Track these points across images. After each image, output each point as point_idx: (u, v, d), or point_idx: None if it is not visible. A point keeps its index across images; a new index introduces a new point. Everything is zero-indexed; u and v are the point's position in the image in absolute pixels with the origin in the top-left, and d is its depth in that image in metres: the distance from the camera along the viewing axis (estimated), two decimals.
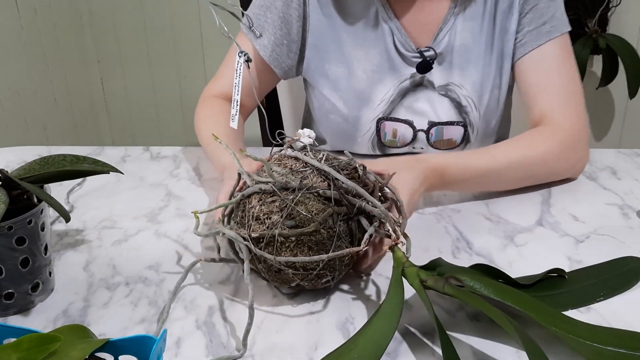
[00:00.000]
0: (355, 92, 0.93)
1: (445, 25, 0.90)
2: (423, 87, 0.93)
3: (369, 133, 0.94)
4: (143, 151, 1.03)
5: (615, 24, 1.90)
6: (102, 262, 0.70)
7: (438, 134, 0.93)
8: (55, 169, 0.64)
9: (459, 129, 0.93)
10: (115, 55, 2.15)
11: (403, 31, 0.91)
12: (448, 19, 0.90)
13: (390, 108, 0.93)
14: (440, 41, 0.91)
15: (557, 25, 0.88)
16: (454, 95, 0.92)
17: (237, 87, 0.67)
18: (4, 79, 1.74)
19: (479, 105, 0.92)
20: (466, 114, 0.92)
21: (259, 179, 0.60)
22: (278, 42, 0.93)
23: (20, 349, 0.42)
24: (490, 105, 0.93)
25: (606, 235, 0.74)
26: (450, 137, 0.94)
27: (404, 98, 0.93)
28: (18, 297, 0.60)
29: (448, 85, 0.92)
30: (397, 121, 0.93)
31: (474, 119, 0.93)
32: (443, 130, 0.93)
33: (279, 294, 0.64)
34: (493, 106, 0.94)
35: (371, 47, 0.92)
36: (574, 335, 0.52)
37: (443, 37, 0.91)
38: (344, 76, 0.93)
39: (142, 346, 0.46)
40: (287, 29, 0.93)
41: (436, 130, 0.93)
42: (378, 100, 0.92)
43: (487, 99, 0.93)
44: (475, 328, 0.58)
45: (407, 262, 0.58)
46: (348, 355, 0.51)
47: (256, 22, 0.93)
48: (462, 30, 0.90)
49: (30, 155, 0.94)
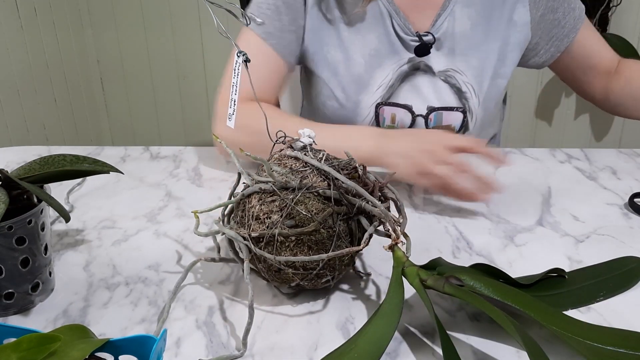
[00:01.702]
0: (353, 77, 0.92)
1: (443, 12, 0.91)
2: (422, 72, 0.93)
3: (368, 118, 0.94)
4: (143, 151, 1.03)
5: (616, 24, 1.90)
6: (102, 262, 0.70)
7: (437, 119, 0.94)
8: (55, 169, 0.64)
9: (458, 114, 0.93)
10: (115, 55, 2.15)
11: (402, 14, 0.91)
12: (446, 5, 0.91)
13: (388, 93, 0.93)
14: (439, 27, 0.91)
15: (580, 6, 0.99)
16: (453, 81, 0.93)
17: (234, 87, 0.67)
18: (4, 79, 1.74)
19: (479, 92, 0.94)
20: (466, 100, 0.93)
21: (259, 179, 0.60)
22: (285, 29, 0.91)
23: (20, 349, 0.42)
24: (491, 92, 0.95)
25: (606, 235, 0.74)
26: (449, 123, 0.94)
27: (402, 83, 0.93)
28: (18, 297, 0.60)
29: (448, 71, 0.92)
30: (396, 106, 0.93)
31: (473, 106, 0.94)
32: (442, 116, 0.94)
33: (279, 294, 0.64)
34: (493, 94, 0.96)
35: (369, 31, 0.91)
36: (574, 335, 0.52)
37: (442, 23, 0.91)
38: (341, 61, 0.92)
39: (142, 346, 0.46)
40: (293, 15, 0.91)
41: (435, 115, 0.93)
42: (377, 85, 0.92)
43: (487, 85, 0.94)
44: (476, 328, 0.58)
45: (407, 261, 0.58)
46: (348, 355, 0.51)
47: (258, 11, 0.91)
48: (460, 17, 0.92)
49: (30, 155, 0.94)
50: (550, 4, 0.95)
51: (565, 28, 0.97)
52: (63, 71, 2.01)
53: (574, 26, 0.98)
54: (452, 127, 0.94)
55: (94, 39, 2.13)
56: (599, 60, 1.01)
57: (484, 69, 0.93)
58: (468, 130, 0.96)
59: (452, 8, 0.91)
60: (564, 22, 0.97)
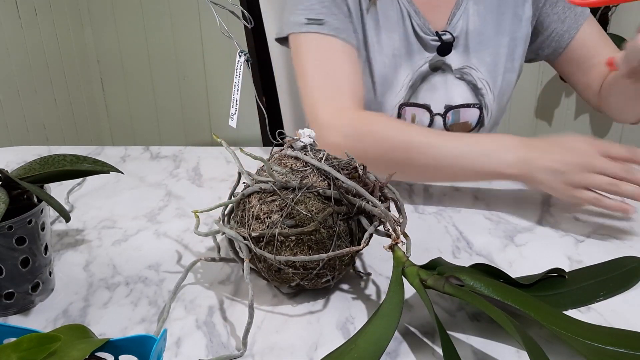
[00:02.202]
0: (378, 78, 0.92)
1: (458, 10, 0.92)
2: (441, 71, 0.93)
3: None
4: (143, 151, 1.03)
5: (616, 24, 1.90)
6: (102, 262, 0.70)
7: (455, 117, 0.94)
8: (55, 168, 0.64)
9: (475, 111, 0.94)
10: (115, 55, 2.15)
11: (421, 14, 0.91)
12: (460, 3, 0.92)
13: (409, 93, 0.93)
14: (456, 24, 0.92)
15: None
16: (469, 77, 0.93)
17: (236, 87, 0.67)
18: (4, 79, 1.74)
19: (494, 87, 0.95)
20: (482, 96, 0.94)
21: (259, 178, 0.60)
22: (346, 19, 0.88)
23: (20, 349, 0.42)
24: (503, 87, 0.96)
25: (606, 235, 0.74)
26: (467, 120, 0.94)
27: (422, 82, 0.93)
28: (18, 297, 0.60)
29: (463, 68, 0.93)
30: (416, 106, 0.93)
31: (489, 101, 0.95)
32: (460, 113, 0.94)
33: (279, 294, 0.64)
34: (505, 88, 0.96)
35: (391, 31, 0.91)
36: (574, 334, 0.52)
37: (458, 21, 0.92)
38: (365, 61, 0.92)
39: (142, 346, 0.46)
40: (345, 6, 0.89)
41: (452, 113, 0.94)
42: (400, 85, 0.92)
43: (500, 80, 0.95)
44: (476, 328, 0.58)
45: (407, 261, 0.58)
46: (348, 355, 0.51)
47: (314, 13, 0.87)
48: (473, 14, 0.92)
49: (30, 155, 0.94)
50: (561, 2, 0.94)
51: (565, 23, 0.96)
52: (63, 71, 2.01)
53: (575, 22, 0.95)
54: (469, 124, 0.95)
55: (94, 39, 2.13)
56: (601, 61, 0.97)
57: (497, 64, 0.94)
58: (483, 126, 0.96)
59: (465, 5, 0.92)
60: (564, 17, 0.95)
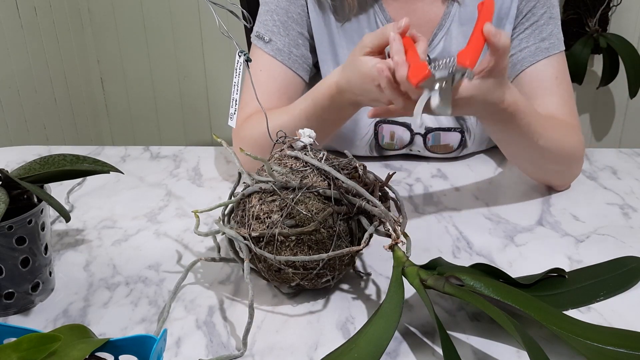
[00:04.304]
0: None
1: (440, 31, 0.90)
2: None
3: (367, 136, 0.94)
4: (143, 151, 1.03)
5: (616, 24, 1.90)
6: (102, 262, 0.70)
7: (435, 139, 0.93)
8: (55, 168, 0.64)
9: (456, 135, 0.93)
10: (115, 55, 2.15)
11: None
12: (443, 24, 0.90)
13: None
14: (435, 47, 0.90)
15: (556, 43, 0.87)
16: None
17: (236, 87, 0.67)
18: (4, 78, 1.74)
19: None
20: (463, 120, 0.92)
21: (259, 178, 0.60)
22: (293, 43, 0.90)
23: (20, 349, 0.42)
24: None
25: (606, 235, 0.74)
26: (447, 143, 0.94)
27: None
28: (18, 297, 0.60)
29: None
30: (395, 124, 0.93)
31: (470, 125, 0.93)
32: (440, 136, 0.93)
33: (279, 294, 0.64)
34: None
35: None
36: (574, 334, 0.52)
37: (438, 43, 0.90)
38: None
39: (142, 346, 0.46)
40: (300, 28, 0.90)
41: (433, 135, 0.93)
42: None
43: None
44: (476, 328, 0.58)
45: (407, 261, 0.58)
46: (348, 355, 0.51)
47: (265, 29, 0.90)
48: (457, 36, 0.90)
49: (30, 155, 0.94)
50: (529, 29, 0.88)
51: (522, 52, 0.87)
52: (63, 71, 2.01)
53: (533, 55, 0.86)
54: (450, 146, 0.94)
55: (94, 39, 2.13)
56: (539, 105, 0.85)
57: None
58: (467, 147, 0.95)
59: (448, 26, 0.90)
60: (524, 46, 0.87)
